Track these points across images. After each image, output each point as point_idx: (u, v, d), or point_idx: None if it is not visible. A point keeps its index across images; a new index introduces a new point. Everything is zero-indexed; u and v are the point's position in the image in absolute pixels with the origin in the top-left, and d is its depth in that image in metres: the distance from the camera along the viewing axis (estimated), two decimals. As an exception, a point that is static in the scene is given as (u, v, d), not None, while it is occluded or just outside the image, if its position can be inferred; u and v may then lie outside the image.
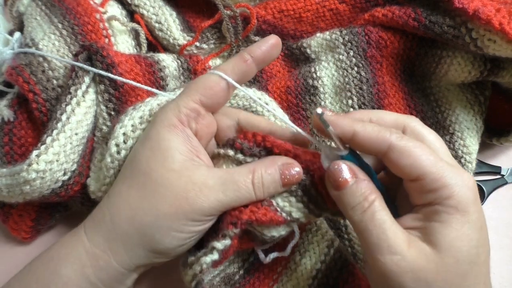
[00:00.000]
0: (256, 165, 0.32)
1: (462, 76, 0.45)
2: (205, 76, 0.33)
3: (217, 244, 0.31)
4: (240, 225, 0.31)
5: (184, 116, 0.31)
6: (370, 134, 0.29)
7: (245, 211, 0.31)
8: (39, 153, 0.35)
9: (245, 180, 0.31)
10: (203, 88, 0.32)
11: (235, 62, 0.33)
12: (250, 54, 0.33)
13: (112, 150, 0.35)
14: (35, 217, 0.42)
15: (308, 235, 0.38)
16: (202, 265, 0.31)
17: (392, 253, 0.27)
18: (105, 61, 0.39)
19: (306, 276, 0.37)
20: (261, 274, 0.38)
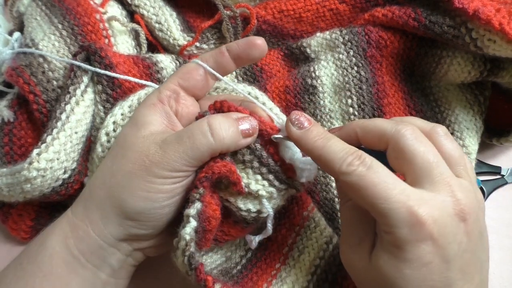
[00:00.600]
0: (212, 115, 0.33)
1: (462, 76, 0.45)
2: (185, 64, 0.36)
3: (189, 211, 0.30)
4: (200, 183, 0.31)
5: (164, 96, 0.34)
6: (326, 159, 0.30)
7: (202, 170, 0.31)
8: (39, 152, 0.36)
9: (199, 125, 0.31)
10: (181, 73, 0.35)
11: (213, 53, 0.36)
12: (227, 48, 0.35)
13: (102, 139, 0.36)
14: (34, 216, 0.42)
15: (307, 231, 0.39)
16: (186, 237, 0.30)
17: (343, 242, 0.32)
18: (103, 61, 0.39)
19: (305, 272, 0.38)
20: (258, 269, 0.38)
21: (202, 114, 0.34)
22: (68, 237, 0.31)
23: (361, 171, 0.28)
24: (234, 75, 0.48)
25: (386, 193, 0.27)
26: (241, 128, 0.32)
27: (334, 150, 0.29)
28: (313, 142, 0.30)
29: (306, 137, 0.31)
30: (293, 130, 0.31)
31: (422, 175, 0.28)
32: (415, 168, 0.28)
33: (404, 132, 0.29)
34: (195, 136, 0.31)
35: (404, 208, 0.26)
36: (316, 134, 0.31)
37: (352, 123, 0.33)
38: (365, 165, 0.28)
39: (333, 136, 0.31)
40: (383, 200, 0.27)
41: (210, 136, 0.31)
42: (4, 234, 0.44)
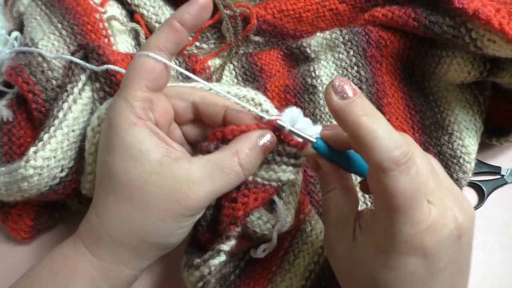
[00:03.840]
0: (237, 146, 0.31)
1: (462, 76, 0.45)
2: (141, 60, 0.30)
3: (224, 246, 0.31)
4: (239, 222, 0.31)
5: (139, 110, 0.30)
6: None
7: (238, 207, 0.31)
8: (36, 150, 0.36)
9: (231, 165, 0.30)
10: (145, 73, 0.30)
11: (166, 35, 0.31)
12: (180, 21, 0.31)
13: (89, 135, 0.35)
14: (34, 216, 0.42)
15: (303, 235, 0.39)
16: (211, 267, 0.31)
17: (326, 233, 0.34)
18: (101, 59, 0.39)
19: (299, 277, 0.38)
20: (256, 274, 0.38)
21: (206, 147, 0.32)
22: (97, 278, 0.31)
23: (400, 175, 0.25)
24: (234, 75, 0.48)
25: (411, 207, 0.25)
26: (261, 145, 0.31)
27: (381, 135, 0.25)
28: (358, 117, 0.26)
29: (349, 109, 0.26)
30: (335, 99, 0.26)
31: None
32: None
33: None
34: (229, 177, 0.30)
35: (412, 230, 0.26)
36: (362, 108, 0.26)
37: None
38: (409, 170, 0.25)
39: (381, 116, 0.26)
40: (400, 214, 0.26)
41: (242, 174, 0.31)
42: (4, 234, 0.44)
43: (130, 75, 0.30)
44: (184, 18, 0.31)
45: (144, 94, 0.30)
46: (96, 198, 0.32)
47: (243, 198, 0.31)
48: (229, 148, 0.31)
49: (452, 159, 0.45)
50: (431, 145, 0.46)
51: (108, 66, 0.38)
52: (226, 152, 0.30)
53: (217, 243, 0.32)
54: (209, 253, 0.32)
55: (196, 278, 0.32)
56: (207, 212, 0.33)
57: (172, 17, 0.31)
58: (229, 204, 0.31)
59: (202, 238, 0.33)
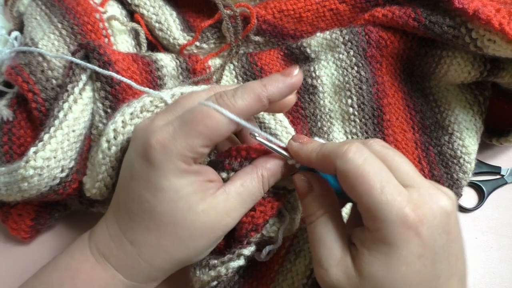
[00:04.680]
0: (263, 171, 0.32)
1: (462, 77, 0.45)
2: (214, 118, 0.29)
3: (245, 251, 0.33)
4: (260, 229, 0.33)
5: (190, 159, 0.30)
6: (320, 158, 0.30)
7: (257, 215, 0.33)
8: (36, 150, 0.36)
9: (259, 190, 0.32)
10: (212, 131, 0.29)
11: (250, 104, 0.30)
12: (269, 97, 0.31)
13: (103, 146, 0.35)
14: (34, 216, 0.42)
15: (304, 234, 0.39)
16: (228, 269, 0.33)
17: (320, 266, 0.30)
18: (102, 58, 0.39)
19: (301, 276, 0.38)
20: (259, 273, 0.38)
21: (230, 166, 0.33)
22: None
23: (358, 159, 0.28)
24: (234, 75, 0.48)
25: (381, 185, 0.27)
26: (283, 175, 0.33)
27: (331, 145, 0.30)
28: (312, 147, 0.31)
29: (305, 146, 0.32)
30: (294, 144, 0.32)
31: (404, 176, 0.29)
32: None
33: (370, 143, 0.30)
34: (256, 199, 0.33)
35: (395, 206, 0.26)
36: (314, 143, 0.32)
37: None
38: (362, 155, 0.28)
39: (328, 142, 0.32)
40: (377, 191, 0.27)
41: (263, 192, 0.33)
42: (4, 233, 0.44)
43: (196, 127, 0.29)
44: (275, 96, 0.31)
45: (201, 150, 0.30)
46: (127, 229, 0.32)
47: (261, 207, 0.33)
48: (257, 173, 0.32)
49: (452, 159, 0.45)
50: (431, 145, 0.46)
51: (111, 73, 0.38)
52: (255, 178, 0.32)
53: (238, 248, 0.33)
54: (228, 256, 0.33)
55: (211, 277, 0.33)
56: None
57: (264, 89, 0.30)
58: (247, 212, 0.33)
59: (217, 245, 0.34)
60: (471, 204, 0.48)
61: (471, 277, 0.43)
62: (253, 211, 0.33)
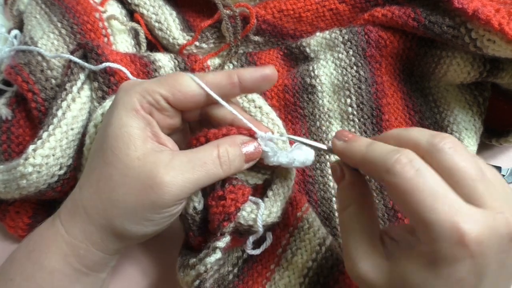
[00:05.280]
0: (219, 141, 0.32)
1: (461, 77, 0.45)
2: (182, 77, 0.32)
3: (219, 243, 0.32)
4: (232, 218, 0.32)
5: (146, 103, 0.31)
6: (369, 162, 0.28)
7: (228, 203, 0.32)
8: (35, 148, 0.36)
9: (211, 155, 0.31)
10: (174, 87, 0.31)
11: (221, 78, 0.32)
12: (239, 76, 0.32)
13: (90, 131, 0.35)
14: (32, 214, 0.42)
15: (300, 232, 0.39)
16: (207, 265, 0.32)
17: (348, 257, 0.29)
18: (100, 59, 0.39)
19: (297, 275, 0.38)
20: (254, 272, 0.38)
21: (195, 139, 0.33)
22: (68, 255, 0.31)
23: (407, 172, 0.25)
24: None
25: (433, 202, 0.25)
26: (245, 152, 0.32)
27: (379, 151, 0.27)
28: (357, 148, 0.29)
29: (350, 146, 0.30)
30: (338, 144, 0.31)
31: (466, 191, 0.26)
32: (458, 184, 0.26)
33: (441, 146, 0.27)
34: (208, 166, 0.30)
35: (449, 223, 0.24)
36: (361, 142, 0.30)
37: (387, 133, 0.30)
38: (414, 166, 0.26)
39: (377, 142, 0.29)
40: (428, 209, 0.24)
41: (219, 167, 0.31)
42: (1, 231, 0.44)
43: (164, 78, 0.32)
44: (244, 77, 0.32)
45: (158, 97, 0.31)
46: (83, 173, 0.33)
47: (231, 195, 0.32)
48: (212, 142, 0.32)
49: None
50: (431, 145, 0.46)
51: (107, 64, 0.38)
52: (208, 146, 0.32)
53: (212, 241, 0.32)
54: (204, 251, 0.32)
55: (192, 277, 0.33)
56: (197, 217, 0.33)
57: (234, 71, 0.32)
58: (217, 202, 0.32)
59: (195, 243, 0.34)
60: (470, 204, 0.47)
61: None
62: (223, 200, 0.32)
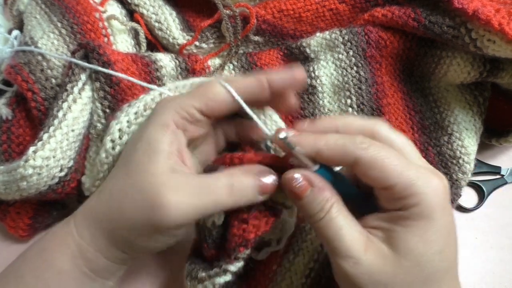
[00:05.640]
0: (233, 170, 0.31)
1: (461, 77, 0.45)
2: (214, 85, 0.32)
3: (231, 267, 0.31)
4: (250, 245, 0.30)
5: (180, 119, 0.31)
6: (334, 150, 0.28)
7: (248, 229, 0.30)
8: (36, 149, 0.36)
9: (222, 184, 0.30)
10: (206, 97, 0.31)
11: (249, 82, 0.32)
12: (269, 79, 0.32)
13: (107, 146, 0.35)
14: (32, 215, 0.42)
15: (302, 233, 0.38)
16: (215, 285, 0.31)
17: (349, 257, 0.27)
18: (101, 59, 0.39)
19: (299, 275, 0.38)
20: (257, 273, 0.38)
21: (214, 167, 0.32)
22: (76, 257, 0.31)
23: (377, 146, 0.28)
24: (233, 75, 0.48)
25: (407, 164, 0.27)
26: (261, 184, 0.30)
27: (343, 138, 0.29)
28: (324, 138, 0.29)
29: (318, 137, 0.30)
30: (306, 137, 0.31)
31: None
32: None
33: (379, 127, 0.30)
34: (216, 195, 0.29)
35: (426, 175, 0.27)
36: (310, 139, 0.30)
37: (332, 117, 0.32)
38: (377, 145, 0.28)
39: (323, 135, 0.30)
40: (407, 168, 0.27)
41: (229, 197, 0.30)
42: (1, 232, 0.44)
43: (196, 91, 0.32)
44: (273, 79, 0.32)
45: (194, 111, 0.31)
46: (106, 180, 0.33)
47: (255, 221, 0.31)
48: (226, 170, 0.31)
49: (452, 159, 0.45)
50: (431, 145, 0.46)
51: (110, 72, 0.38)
52: (221, 175, 0.30)
53: (225, 263, 0.31)
54: (215, 270, 0.31)
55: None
56: (214, 231, 0.32)
57: (264, 75, 0.32)
58: (239, 224, 0.31)
59: (207, 254, 0.33)
60: (471, 204, 0.47)
61: (471, 277, 0.43)
62: (246, 224, 0.30)
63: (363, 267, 0.27)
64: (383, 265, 0.27)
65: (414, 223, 0.27)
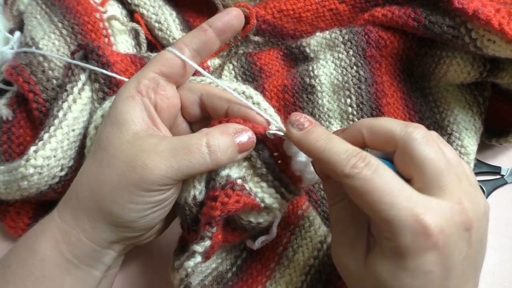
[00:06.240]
0: (210, 129, 0.31)
1: (461, 77, 0.45)
2: (163, 52, 0.33)
3: (197, 247, 0.30)
4: (215, 223, 0.30)
5: (142, 86, 0.31)
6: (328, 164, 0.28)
7: (215, 206, 0.30)
8: (36, 149, 0.36)
9: (198, 144, 0.30)
10: (162, 60, 0.32)
11: (194, 34, 0.33)
12: (209, 24, 0.33)
13: (91, 133, 0.35)
14: (32, 215, 0.42)
15: (301, 230, 0.39)
16: (187, 269, 0.31)
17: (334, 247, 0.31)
18: (101, 60, 0.39)
19: (299, 272, 0.38)
20: (253, 271, 0.38)
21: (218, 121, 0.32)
22: (60, 242, 0.31)
23: (365, 175, 0.26)
24: (233, 75, 0.48)
25: (392, 199, 0.25)
26: (238, 142, 0.31)
27: (336, 152, 0.28)
28: (314, 143, 0.29)
29: (306, 138, 0.29)
30: (293, 132, 0.30)
31: (431, 182, 0.27)
32: (425, 175, 0.27)
33: (415, 135, 0.27)
34: (192, 155, 0.29)
35: (410, 216, 0.25)
36: (317, 135, 0.29)
37: (357, 122, 0.31)
38: (370, 168, 0.26)
39: (335, 137, 0.29)
40: (388, 206, 0.25)
41: (208, 157, 0.30)
42: (1, 232, 0.44)
43: (150, 62, 0.33)
44: (214, 22, 0.33)
45: (153, 75, 0.32)
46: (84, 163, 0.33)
47: (224, 198, 0.30)
48: (202, 130, 0.31)
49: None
50: (431, 145, 0.46)
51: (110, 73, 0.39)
52: (197, 133, 0.31)
53: (192, 244, 0.31)
54: (186, 254, 0.31)
55: (177, 281, 0.32)
56: (194, 208, 0.32)
57: (205, 22, 0.33)
58: (209, 202, 0.30)
59: (189, 237, 0.32)
60: (470, 204, 0.47)
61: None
62: (214, 201, 0.30)
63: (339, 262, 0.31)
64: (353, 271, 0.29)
65: (387, 253, 0.27)
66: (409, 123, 0.29)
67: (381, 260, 0.27)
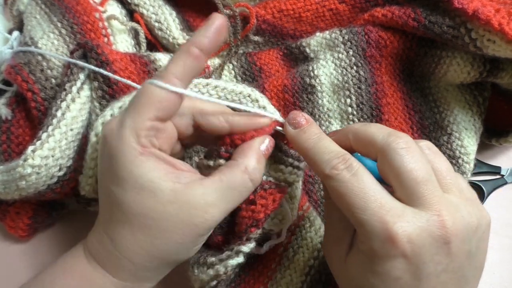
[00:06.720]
0: (245, 162, 0.31)
1: (461, 77, 0.45)
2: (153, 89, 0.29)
3: (244, 248, 0.32)
4: (261, 224, 0.32)
5: (144, 140, 0.29)
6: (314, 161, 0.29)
7: (258, 209, 0.31)
8: (34, 149, 0.36)
9: (243, 182, 0.30)
10: (156, 102, 0.29)
11: (184, 62, 0.29)
12: (198, 47, 0.29)
13: (92, 140, 0.35)
14: (32, 215, 0.42)
15: (302, 231, 0.39)
16: (227, 267, 0.32)
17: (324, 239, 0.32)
18: (100, 58, 0.39)
19: (299, 273, 0.38)
20: (255, 272, 0.38)
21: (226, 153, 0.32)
22: None
23: (343, 177, 0.27)
24: (233, 75, 0.48)
25: (365, 204, 0.26)
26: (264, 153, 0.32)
27: (321, 152, 0.29)
28: (304, 142, 0.30)
29: (299, 136, 0.31)
30: (289, 129, 0.32)
31: (408, 192, 0.27)
32: (402, 184, 0.27)
33: (394, 145, 0.27)
34: (241, 194, 0.31)
35: (378, 223, 0.26)
36: (309, 135, 0.31)
37: (347, 127, 0.32)
38: (350, 170, 0.27)
39: (325, 138, 0.30)
40: (361, 210, 0.26)
41: (252, 187, 0.31)
42: (1, 232, 0.44)
43: (139, 103, 0.29)
44: (203, 43, 0.29)
45: (150, 124, 0.29)
46: (107, 226, 0.31)
47: (262, 200, 0.32)
48: (238, 165, 0.31)
49: (451, 159, 0.45)
50: (431, 145, 0.46)
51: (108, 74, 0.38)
52: (236, 171, 0.30)
53: (236, 245, 0.32)
54: (226, 253, 0.32)
55: (210, 276, 0.32)
56: None
57: (190, 43, 0.29)
58: (247, 206, 0.32)
59: (213, 241, 0.33)
60: (470, 204, 0.47)
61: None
62: (254, 204, 0.31)
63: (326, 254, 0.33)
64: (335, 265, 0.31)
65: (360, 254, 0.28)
66: (394, 132, 0.29)
67: (356, 260, 0.28)
